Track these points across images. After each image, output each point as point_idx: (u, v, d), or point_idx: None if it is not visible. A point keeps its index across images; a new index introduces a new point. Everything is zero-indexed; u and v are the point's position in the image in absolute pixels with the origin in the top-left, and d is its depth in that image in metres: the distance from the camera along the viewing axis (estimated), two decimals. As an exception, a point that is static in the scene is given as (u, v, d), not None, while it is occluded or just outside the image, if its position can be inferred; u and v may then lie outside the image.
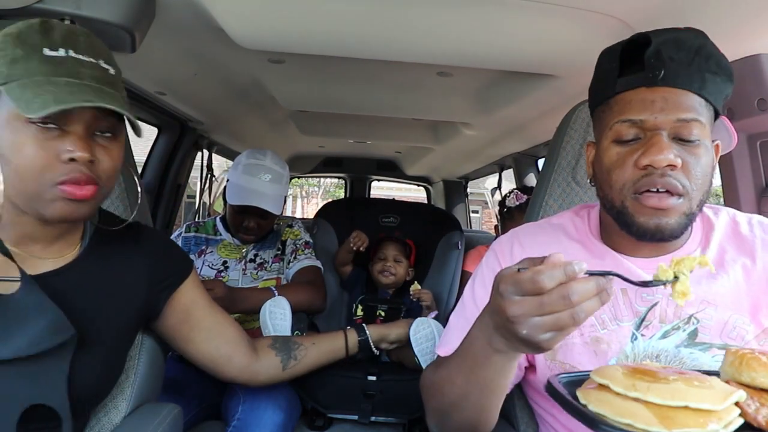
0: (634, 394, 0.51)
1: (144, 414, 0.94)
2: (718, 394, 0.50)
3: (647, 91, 0.75)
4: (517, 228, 0.96)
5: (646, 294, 0.81)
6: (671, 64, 0.74)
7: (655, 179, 0.73)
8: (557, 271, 0.56)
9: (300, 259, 1.81)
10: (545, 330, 0.56)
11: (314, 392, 1.61)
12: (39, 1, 0.93)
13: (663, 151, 0.71)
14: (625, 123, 0.76)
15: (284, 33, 1.21)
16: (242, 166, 1.71)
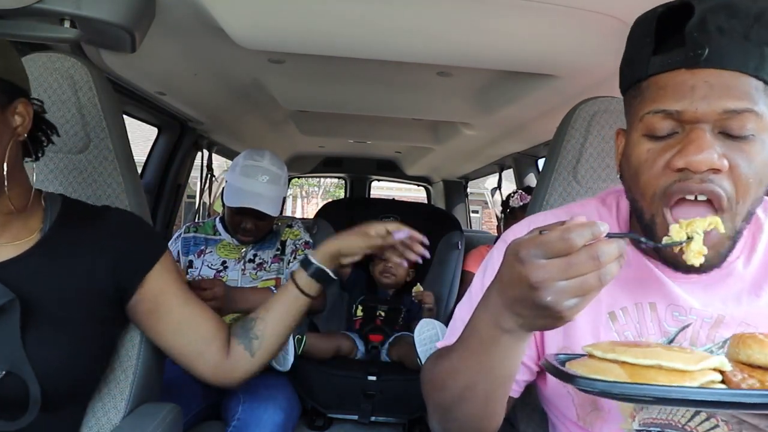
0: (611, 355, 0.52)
1: (144, 414, 0.94)
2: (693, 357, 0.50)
3: (687, 74, 0.60)
4: (533, 216, 0.85)
5: (678, 313, 0.70)
6: (719, 39, 0.58)
7: (691, 185, 0.60)
8: (586, 230, 0.50)
9: (300, 259, 1.80)
10: (571, 294, 0.51)
11: (314, 392, 1.62)
12: (39, 1, 0.93)
13: (703, 150, 0.58)
14: (658, 114, 0.62)
15: (284, 33, 1.21)
16: (240, 168, 1.71)
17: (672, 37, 0.62)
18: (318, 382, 1.61)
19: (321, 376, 1.61)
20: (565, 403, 0.77)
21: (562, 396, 0.77)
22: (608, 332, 0.72)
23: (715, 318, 0.68)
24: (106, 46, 1.19)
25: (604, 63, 1.24)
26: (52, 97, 0.99)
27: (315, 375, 1.61)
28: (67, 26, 0.99)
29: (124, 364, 0.96)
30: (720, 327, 0.68)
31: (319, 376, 1.61)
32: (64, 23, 0.99)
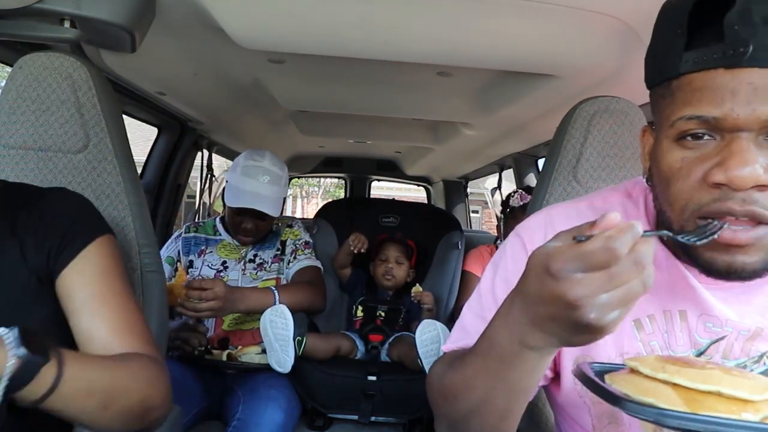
0: (661, 375, 0.46)
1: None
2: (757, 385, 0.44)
3: (727, 75, 0.51)
4: (550, 210, 0.77)
5: (711, 324, 0.63)
6: (766, 32, 0.50)
7: (733, 206, 0.52)
8: (628, 236, 0.44)
9: (300, 259, 1.80)
10: (614, 307, 0.45)
11: (314, 392, 1.62)
12: (39, 1, 0.93)
13: (747, 165, 0.50)
14: (692, 120, 0.54)
15: (284, 33, 1.21)
16: (240, 168, 1.71)
17: (708, 28, 0.53)
18: (318, 382, 1.61)
19: (321, 376, 1.61)
20: (581, 413, 0.72)
21: (577, 406, 0.72)
22: (633, 341, 0.67)
23: (753, 330, 0.62)
24: (106, 46, 1.19)
25: (604, 63, 1.24)
26: (51, 97, 0.99)
27: (315, 375, 1.61)
28: (67, 26, 0.99)
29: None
30: (757, 340, 0.62)
31: (319, 376, 1.61)
32: (64, 23, 0.99)
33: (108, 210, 1.01)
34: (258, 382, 1.54)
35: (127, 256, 1.01)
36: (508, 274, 0.74)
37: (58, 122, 1.00)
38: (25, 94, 0.99)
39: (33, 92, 0.99)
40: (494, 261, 0.78)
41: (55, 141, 1.00)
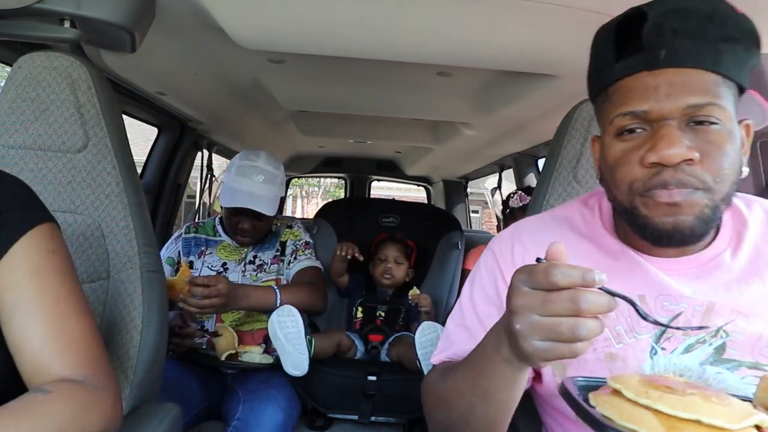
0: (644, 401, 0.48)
1: (143, 414, 0.94)
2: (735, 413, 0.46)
3: (649, 76, 0.63)
4: (518, 223, 0.86)
5: (668, 302, 0.70)
6: (675, 39, 0.62)
7: (667, 178, 0.62)
8: (575, 272, 0.50)
9: (300, 259, 1.80)
10: (541, 334, 0.50)
11: (314, 392, 1.62)
12: (39, 1, 0.93)
13: (673, 145, 0.60)
14: (627, 116, 0.65)
15: (284, 33, 1.21)
16: (235, 168, 1.69)
17: (631, 43, 0.65)
18: (318, 382, 1.61)
19: (321, 376, 1.61)
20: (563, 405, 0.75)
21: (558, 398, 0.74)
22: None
23: (706, 305, 0.69)
24: (106, 46, 1.19)
25: (604, 63, 1.24)
26: (51, 96, 0.99)
27: (315, 375, 1.61)
28: (67, 26, 0.99)
29: (124, 364, 0.96)
30: (711, 314, 0.68)
31: (319, 376, 1.61)
32: (64, 23, 0.99)
33: (108, 210, 1.01)
34: (258, 382, 1.54)
35: (127, 256, 1.01)
36: (483, 284, 0.82)
37: (57, 122, 1.00)
38: (24, 93, 0.99)
39: (32, 92, 0.99)
40: (472, 274, 0.86)
41: (55, 141, 1.00)
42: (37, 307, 0.67)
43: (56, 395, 0.63)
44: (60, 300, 0.69)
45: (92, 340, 0.71)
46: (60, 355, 0.67)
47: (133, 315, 0.99)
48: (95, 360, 0.69)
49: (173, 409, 0.97)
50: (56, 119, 0.99)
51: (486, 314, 0.80)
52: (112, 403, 0.68)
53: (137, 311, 0.99)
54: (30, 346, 0.66)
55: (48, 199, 0.99)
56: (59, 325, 0.67)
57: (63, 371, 0.66)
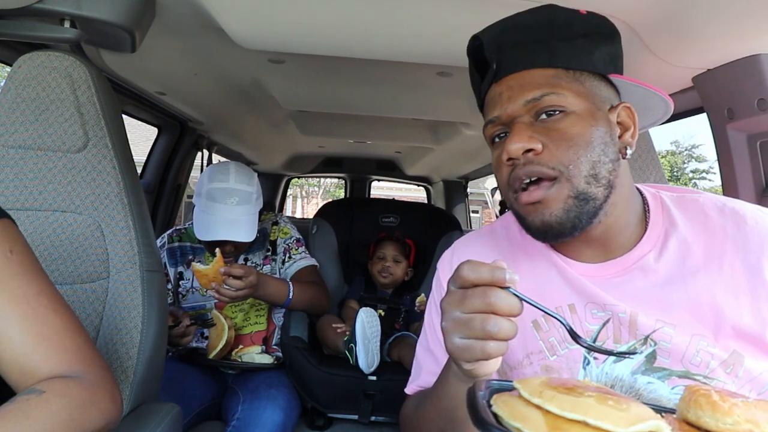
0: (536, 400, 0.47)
1: (143, 414, 0.94)
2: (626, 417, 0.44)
3: (496, 86, 0.71)
4: (457, 241, 0.89)
5: (596, 310, 0.71)
6: (510, 51, 0.70)
7: (518, 172, 0.67)
8: (484, 268, 0.53)
9: (296, 258, 1.77)
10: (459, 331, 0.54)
11: (314, 392, 1.62)
12: (39, 1, 0.93)
13: (514, 139, 0.66)
14: (489, 125, 0.73)
15: (284, 33, 1.21)
16: (206, 192, 1.58)
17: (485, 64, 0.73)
18: (318, 381, 1.61)
19: (321, 375, 1.61)
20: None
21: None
22: (534, 341, 0.74)
23: (630, 313, 0.69)
24: (106, 46, 1.19)
25: (604, 63, 1.24)
26: (51, 96, 0.99)
27: (315, 375, 1.61)
28: (67, 26, 0.99)
29: (124, 364, 0.96)
30: (637, 322, 0.68)
31: (319, 376, 1.61)
32: (64, 23, 0.99)
33: (108, 210, 1.01)
34: (258, 382, 1.54)
35: (127, 256, 1.01)
36: (436, 304, 0.84)
37: (57, 121, 1.00)
38: (24, 93, 0.99)
39: (32, 91, 0.99)
40: (430, 297, 0.89)
41: (54, 140, 1.00)
42: (10, 313, 0.63)
43: (50, 394, 0.60)
44: (31, 300, 0.65)
45: (76, 335, 0.67)
46: (46, 355, 0.63)
47: (133, 315, 0.99)
48: (84, 354, 0.67)
49: (173, 409, 0.97)
50: (56, 119, 0.99)
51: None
52: (110, 398, 0.66)
53: (137, 311, 0.99)
54: (12, 352, 0.63)
55: (48, 199, 0.99)
56: (38, 326, 0.64)
57: (53, 371, 0.63)
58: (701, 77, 1.16)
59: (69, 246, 0.99)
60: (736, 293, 0.65)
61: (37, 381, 0.62)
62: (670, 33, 1.03)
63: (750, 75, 1.04)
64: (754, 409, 0.46)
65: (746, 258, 0.66)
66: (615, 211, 0.70)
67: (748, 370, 0.64)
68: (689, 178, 23.34)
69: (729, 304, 0.65)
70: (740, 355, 0.64)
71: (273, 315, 1.76)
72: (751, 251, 0.66)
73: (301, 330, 1.74)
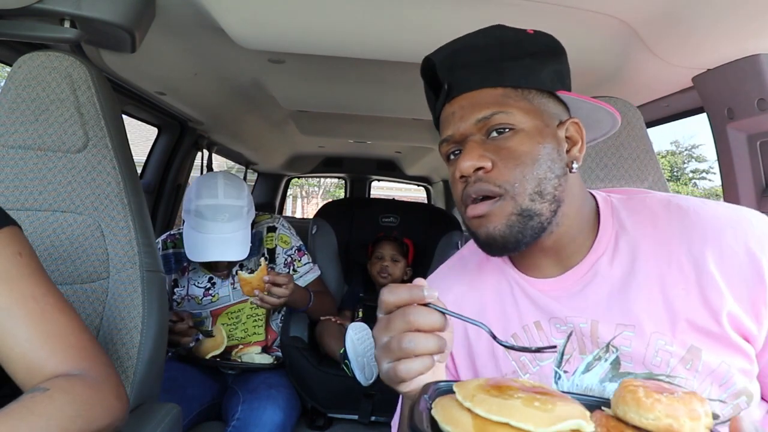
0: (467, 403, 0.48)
1: (144, 414, 0.94)
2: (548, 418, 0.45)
3: (448, 106, 0.74)
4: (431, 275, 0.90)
5: (559, 324, 0.72)
6: (460, 72, 0.72)
7: (468, 190, 0.70)
8: (401, 289, 0.55)
9: (301, 272, 1.75)
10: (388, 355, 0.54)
11: (314, 392, 1.62)
12: (39, 1, 0.93)
13: (465, 158, 0.68)
14: (444, 143, 0.75)
15: (284, 33, 1.21)
16: (194, 209, 1.54)
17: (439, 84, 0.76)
18: (318, 382, 1.61)
19: (321, 376, 1.61)
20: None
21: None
22: (506, 362, 0.75)
23: (590, 322, 0.70)
24: (106, 46, 1.19)
25: (603, 63, 1.24)
26: (51, 96, 0.99)
27: (315, 375, 1.61)
28: (67, 26, 0.99)
29: (124, 364, 0.96)
30: (598, 330, 0.69)
31: (319, 376, 1.61)
32: (64, 23, 0.99)
33: (108, 210, 1.01)
34: (258, 382, 1.54)
35: (127, 255, 1.01)
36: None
37: (57, 122, 1.00)
38: (24, 93, 0.99)
39: (32, 92, 0.99)
40: None
41: (55, 140, 1.00)
42: (18, 311, 0.65)
43: (55, 392, 0.62)
44: (38, 299, 0.67)
45: (82, 334, 0.69)
46: (51, 352, 0.65)
47: (133, 315, 0.99)
48: (89, 353, 0.68)
49: (173, 409, 0.97)
50: (56, 119, 0.99)
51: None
52: (115, 394, 0.67)
53: (137, 311, 0.99)
54: (19, 349, 0.65)
55: (48, 199, 0.99)
56: (44, 324, 0.66)
57: (58, 368, 0.65)
58: (701, 77, 1.16)
59: (69, 246, 0.99)
60: (686, 287, 0.66)
61: (43, 379, 0.64)
62: (670, 33, 1.03)
63: (750, 75, 1.05)
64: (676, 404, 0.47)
65: (690, 250, 0.67)
66: (566, 221, 0.71)
67: (706, 363, 0.64)
68: (689, 178, 23.34)
69: (680, 298, 0.66)
70: (697, 349, 0.65)
71: (271, 322, 1.76)
72: (695, 243, 0.67)
73: (301, 330, 1.75)
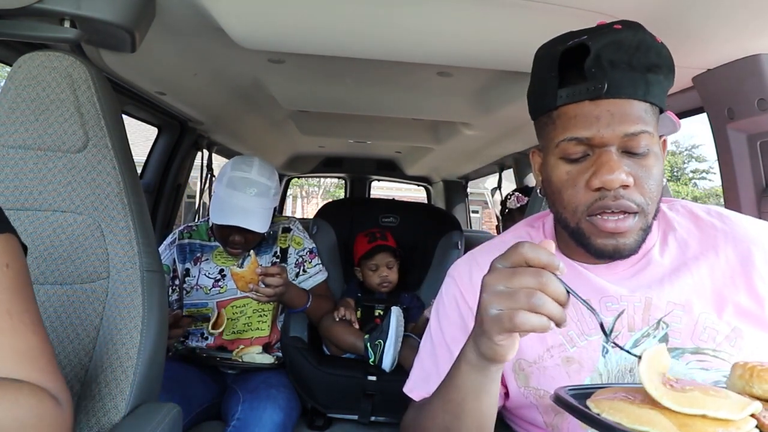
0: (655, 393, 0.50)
1: (143, 414, 0.94)
2: (735, 404, 0.50)
3: (591, 105, 0.69)
4: (474, 250, 0.93)
5: (610, 303, 0.77)
6: (613, 73, 0.68)
7: (609, 203, 0.69)
8: (542, 251, 0.56)
9: (310, 273, 1.77)
10: (500, 302, 0.56)
11: (314, 392, 1.62)
12: (39, 1, 0.93)
13: (614, 171, 0.68)
14: (572, 141, 0.71)
15: (284, 33, 1.21)
16: (227, 179, 1.60)
17: (572, 70, 0.71)
18: (318, 382, 1.61)
19: (321, 376, 1.61)
20: (531, 413, 0.81)
21: (524, 405, 0.81)
22: (553, 335, 0.78)
23: (644, 301, 0.76)
24: (106, 46, 1.19)
25: (604, 63, 1.24)
26: (51, 96, 0.99)
27: (315, 375, 1.61)
28: (67, 26, 0.99)
29: (124, 364, 0.96)
30: (650, 309, 0.76)
31: (319, 376, 1.61)
32: (64, 23, 0.99)
33: (108, 210, 1.01)
34: (258, 382, 1.54)
35: (127, 256, 1.01)
36: (446, 310, 0.88)
37: (57, 122, 1.00)
38: (24, 93, 0.99)
39: (32, 91, 0.99)
40: (435, 305, 0.91)
41: (55, 140, 1.00)
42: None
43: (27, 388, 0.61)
44: (14, 315, 0.65)
45: (50, 356, 0.67)
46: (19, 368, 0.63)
47: (133, 315, 0.99)
48: (56, 377, 0.66)
49: (173, 409, 0.97)
50: (56, 119, 0.99)
51: (452, 339, 0.84)
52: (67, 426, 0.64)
53: (137, 311, 0.99)
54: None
55: (48, 199, 0.99)
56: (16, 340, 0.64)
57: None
58: (701, 77, 1.16)
59: (69, 246, 0.99)
60: (733, 276, 0.75)
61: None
62: (670, 33, 1.03)
63: (750, 75, 1.05)
64: None
65: (737, 246, 0.76)
66: None
67: (749, 343, 0.72)
68: (689, 178, 23.34)
69: (727, 286, 0.74)
70: (740, 330, 0.73)
71: (277, 322, 1.76)
72: (740, 241, 0.77)
73: (301, 330, 1.74)
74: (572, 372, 0.76)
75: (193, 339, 1.69)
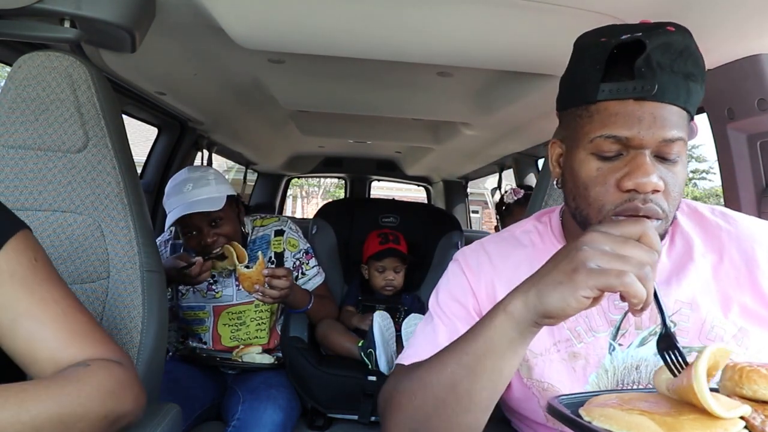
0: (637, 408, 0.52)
1: (144, 414, 0.94)
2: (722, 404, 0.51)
3: (635, 105, 0.67)
4: (483, 239, 0.91)
5: (618, 301, 0.77)
6: (661, 75, 0.66)
7: (638, 205, 0.68)
8: (658, 241, 0.58)
9: (309, 275, 1.76)
10: (607, 260, 0.56)
11: (314, 392, 1.62)
12: (39, 1, 0.93)
13: (649, 175, 0.66)
14: (609, 139, 0.68)
15: (284, 33, 1.21)
16: (167, 193, 1.60)
17: (618, 66, 0.68)
18: (318, 382, 1.61)
19: (321, 376, 1.61)
20: (532, 408, 0.81)
21: (528, 398, 0.81)
22: (561, 330, 0.79)
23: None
24: (106, 46, 1.19)
25: (604, 63, 1.24)
26: (50, 96, 0.99)
27: (315, 375, 1.61)
28: (67, 26, 0.99)
29: None
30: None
31: (319, 376, 1.61)
32: (64, 23, 0.99)
33: (108, 210, 1.01)
34: (258, 382, 1.54)
35: (127, 256, 1.01)
36: (450, 288, 0.86)
37: (57, 122, 0.99)
38: (24, 93, 0.99)
39: (32, 91, 0.99)
40: (437, 286, 0.90)
41: (55, 140, 1.00)
42: (41, 314, 0.67)
43: (96, 368, 0.65)
44: (59, 301, 0.69)
45: (100, 328, 0.72)
46: (81, 347, 0.68)
47: (133, 315, 0.99)
48: (114, 347, 0.71)
49: (173, 409, 0.97)
50: (56, 119, 0.99)
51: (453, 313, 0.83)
52: (139, 386, 0.70)
53: (137, 311, 0.99)
54: (46, 349, 0.66)
55: (48, 199, 0.99)
56: (69, 323, 0.69)
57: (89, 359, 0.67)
58: (701, 77, 1.16)
59: (69, 246, 0.99)
60: (738, 277, 0.76)
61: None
62: (670, 33, 1.03)
63: (750, 75, 1.05)
64: None
65: (741, 246, 0.77)
66: None
67: (755, 342, 0.73)
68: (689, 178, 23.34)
69: (732, 287, 0.75)
70: (746, 330, 0.74)
71: (276, 326, 1.76)
72: (744, 240, 0.78)
73: (301, 330, 1.74)
74: (578, 367, 0.77)
75: (192, 340, 1.69)
